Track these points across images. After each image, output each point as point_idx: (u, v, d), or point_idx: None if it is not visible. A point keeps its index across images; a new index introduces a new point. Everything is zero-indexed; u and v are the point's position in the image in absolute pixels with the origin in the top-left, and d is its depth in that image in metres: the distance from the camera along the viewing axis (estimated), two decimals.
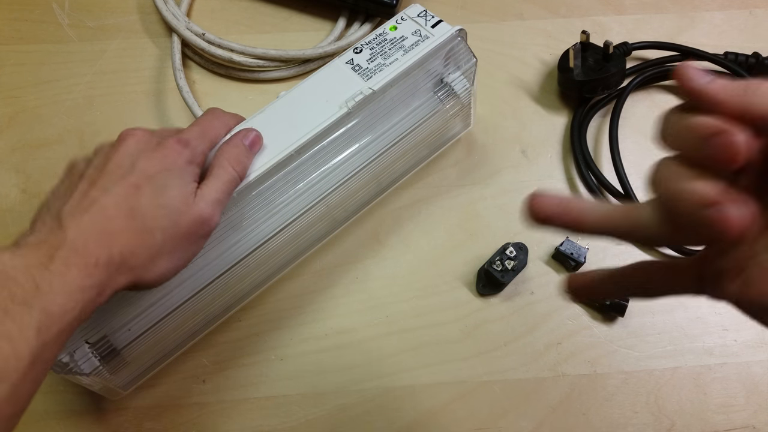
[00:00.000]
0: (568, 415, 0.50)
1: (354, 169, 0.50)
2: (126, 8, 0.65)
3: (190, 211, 0.38)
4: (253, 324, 0.53)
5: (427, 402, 0.50)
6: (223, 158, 0.42)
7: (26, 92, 0.61)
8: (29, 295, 0.32)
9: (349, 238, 0.56)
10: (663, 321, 0.53)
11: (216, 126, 0.43)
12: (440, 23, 0.49)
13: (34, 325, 0.31)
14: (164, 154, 0.39)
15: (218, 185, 0.40)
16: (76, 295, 0.33)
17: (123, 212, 0.36)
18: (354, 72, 0.48)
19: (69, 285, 0.33)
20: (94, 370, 0.43)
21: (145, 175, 0.38)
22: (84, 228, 0.35)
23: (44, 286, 0.32)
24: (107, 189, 0.37)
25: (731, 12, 0.65)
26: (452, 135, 0.58)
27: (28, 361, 0.31)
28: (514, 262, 0.52)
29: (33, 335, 0.31)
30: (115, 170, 0.38)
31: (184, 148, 0.40)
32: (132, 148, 0.39)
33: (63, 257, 0.33)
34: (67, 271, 0.33)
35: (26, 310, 0.31)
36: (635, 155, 0.59)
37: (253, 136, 0.44)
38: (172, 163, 0.39)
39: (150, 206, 0.37)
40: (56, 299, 0.32)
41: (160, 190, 0.38)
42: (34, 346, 0.31)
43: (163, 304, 0.45)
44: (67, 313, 0.33)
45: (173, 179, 0.38)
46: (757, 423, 0.49)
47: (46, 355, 0.32)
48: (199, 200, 0.39)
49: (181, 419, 0.49)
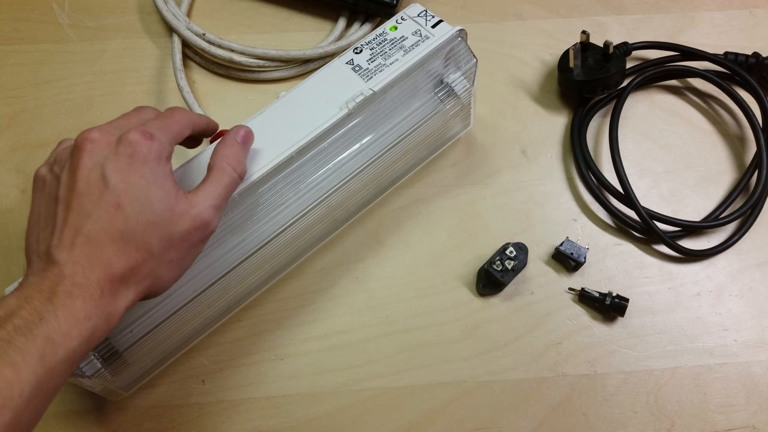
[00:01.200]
0: (568, 415, 0.50)
1: (354, 170, 0.50)
2: (126, 8, 0.65)
3: (183, 220, 0.37)
4: (252, 324, 0.53)
5: (427, 402, 0.50)
6: (222, 160, 0.40)
7: (26, 92, 0.61)
8: (33, 326, 0.32)
9: (350, 238, 0.56)
10: (663, 321, 0.53)
11: (178, 119, 0.41)
12: (440, 23, 0.49)
13: (36, 353, 0.31)
14: (130, 153, 0.36)
15: (218, 190, 0.39)
16: (81, 323, 0.33)
17: (112, 237, 0.35)
18: (354, 72, 0.48)
19: (75, 314, 0.33)
20: (96, 373, 0.43)
21: (121, 189, 0.36)
22: (79, 262, 0.34)
23: (48, 317, 0.32)
24: (87, 214, 0.35)
25: (731, 12, 0.65)
26: (452, 135, 0.58)
27: (31, 387, 0.31)
28: (514, 262, 0.52)
29: (36, 362, 0.31)
30: (87, 189, 0.36)
31: (151, 141, 0.37)
32: (94, 156, 0.36)
33: (66, 291, 0.33)
34: (71, 302, 0.33)
35: (30, 339, 0.31)
36: (635, 155, 0.59)
37: (243, 132, 0.43)
38: (142, 164, 0.36)
39: (138, 225, 0.36)
40: (60, 328, 0.32)
41: (143, 204, 0.36)
42: (38, 373, 0.31)
43: (164, 306, 0.45)
44: (73, 339, 0.33)
45: (152, 189, 0.36)
46: (757, 423, 0.49)
47: (50, 382, 0.32)
48: (194, 206, 0.38)
49: (181, 419, 0.49)
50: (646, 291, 0.54)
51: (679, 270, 0.55)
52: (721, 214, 0.56)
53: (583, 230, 0.56)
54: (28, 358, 0.31)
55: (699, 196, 0.57)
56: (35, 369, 0.31)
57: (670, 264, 0.55)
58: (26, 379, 0.31)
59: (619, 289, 0.53)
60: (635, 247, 0.55)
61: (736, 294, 0.54)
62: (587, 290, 0.53)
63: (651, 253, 0.55)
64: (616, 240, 0.56)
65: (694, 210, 0.57)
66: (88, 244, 0.35)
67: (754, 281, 0.54)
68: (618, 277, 0.54)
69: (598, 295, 0.52)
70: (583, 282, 0.54)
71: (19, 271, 0.54)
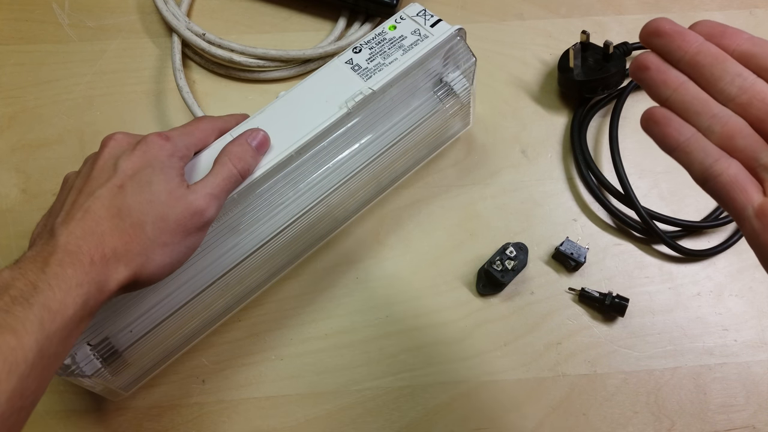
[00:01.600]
0: (568, 415, 0.50)
1: (354, 169, 0.50)
2: (126, 8, 0.65)
3: (179, 203, 0.39)
4: (252, 324, 0.53)
5: (427, 402, 0.50)
6: (224, 155, 0.42)
7: (26, 92, 0.61)
8: (28, 295, 0.33)
9: (349, 238, 0.56)
10: (663, 321, 0.53)
11: (201, 127, 0.44)
12: (439, 22, 0.49)
13: (35, 320, 0.32)
14: (144, 149, 0.39)
15: (215, 180, 0.41)
16: (74, 290, 0.34)
17: (111, 213, 0.37)
18: (353, 72, 0.48)
19: (66, 282, 0.34)
20: (96, 372, 0.43)
21: (128, 174, 0.38)
22: (74, 232, 0.36)
23: (42, 286, 0.33)
24: (94, 194, 0.38)
25: (731, 12, 0.65)
26: (452, 134, 0.58)
27: (34, 354, 0.31)
28: (514, 262, 0.52)
29: (36, 329, 0.32)
30: (99, 175, 0.39)
31: (165, 142, 0.40)
32: (113, 150, 0.40)
33: (57, 260, 0.34)
34: (62, 271, 0.34)
35: (27, 307, 0.32)
36: (635, 155, 0.59)
37: (260, 137, 0.44)
38: (153, 158, 0.39)
39: (136, 202, 0.38)
40: (55, 295, 0.33)
41: (144, 186, 0.38)
42: (39, 339, 0.32)
43: (164, 305, 0.45)
44: (68, 307, 0.33)
45: (156, 174, 0.39)
46: (757, 423, 0.49)
47: (51, 349, 0.33)
48: (191, 192, 0.39)
49: (181, 419, 0.49)
50: (646, 291, 0.54)
51: (679, 270, 0.55)
52: (721, 214, 0.56)
53: (583, 230, 0.56)
54: (28, 325, 0.32)
55: (699, 196, 0.57)
56: (36, 336, 0.32)
57: (670, 264, 0.55)
58: (29, 346, 0.31)
59: (619, 289, 0.53)
60: (635, 247, 0.55)
61: (736, 294, 0.54)
62: (587, 290, 0.53)
63: (651, 253, 0.55)
64: (616, 240, 0.56)
65: (694, 210, 0.57)
66: (85, 217, 0.37)
67: (754, 281, 0.54)
68: (618, 277, 0.54)
69: (598, 295, 0.52)
70: (583, 282, 0.54)
71: None
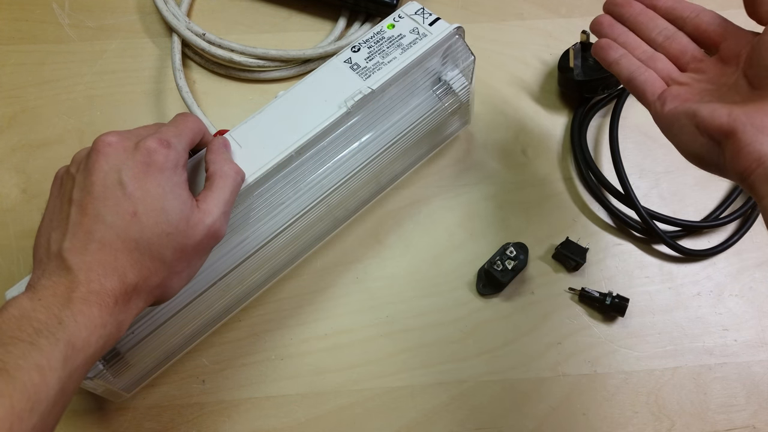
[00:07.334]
0: (568, 415, 0.50)
1: (354, 168, 0.50)
2: (126, 8, 0.65)
3: (197, 230, 0.38)
4: (253, 324, 0.53)
5: (427, 402, 0.50)
6: (223, 165, 0.41)
7: (27, 92, 0.61)
8: (54, 329, 0.32)
9: (349, 238, 0.56)
10: (663, 321, 0.53)
11: (191, 126, 0.41)
12: (438, 21, 0.49)
13: (60, 357, 0.31)
14: (147, 161, 0.37)
15: (225, 196, 0.39)
16: (98, 330, 0.34)
17: (128, 246, 0.35)
18: (352, 71, 0.48)
19: (93, 321, 0.33)
20: (98, 374, 0.43)
21: (137, 197, 0.36)
22: (93, 268, 0.34)
23: (68, 321, 0.32)
24: (102, 219, 0.35)
25: (731, 12, 0.65)
26: (451, 132, 0.58)
27: (56, 392, 0.31)
28: (514, 262, 0.52)
29: (60, 366, 0.31)
30: (103, 193, 0.36)
31: (168, 150, 0.38)
32: (112, 161, 0.37)
33: (82, 298, 0.33)
34: (88, 309, 0.33)
35: (53, 342, 0.32)
36: (635, 155, 0.58)
37: (223, 140, 0.44)
38: (160, 172, 0.37)
39: (154, 235, 0.36)
40: (80, 333, 0.33)
41: (159, 214, 0.36)
42: (62, 377, 0.31)
43: (166, 308, 0.45)
44: (90, 346, 0.33)
45: (168, 197, 0.37)
46: (758, 423, 0.49)
47: (71, 386, 0.33)
48: (206, 216, 0.38)
49: (181, 419, 0.49)
50: (646, 291, 0.54)
51: (679, 270, 0.55)
52: (721, 214, 0.56)
53: (583, 230, 0.56)
54: (53, 362, 0.31)
55: (699, 196, 0.57)
56: (59, 374, 0.31)
57: (670, 264, 0.55)
58: (52, 384, 0.31)
59: (619, 289, 0.53)
60: (635, 247, 0.55)
61: (736, 294, 0.54)
62: (587, 290, 0.53)
63: (651, 253, 0.55)
64: (616, 240, 0.56)
65: (694, 210, 0.57)
66: (102, 250, 0.35)
67: (754, 281, 0.54)
68: (618, 277, 0.54)
69: (598, 295, 0.52)
70: (583, 282, 0.54)
71: (19, 271, 0.54)
